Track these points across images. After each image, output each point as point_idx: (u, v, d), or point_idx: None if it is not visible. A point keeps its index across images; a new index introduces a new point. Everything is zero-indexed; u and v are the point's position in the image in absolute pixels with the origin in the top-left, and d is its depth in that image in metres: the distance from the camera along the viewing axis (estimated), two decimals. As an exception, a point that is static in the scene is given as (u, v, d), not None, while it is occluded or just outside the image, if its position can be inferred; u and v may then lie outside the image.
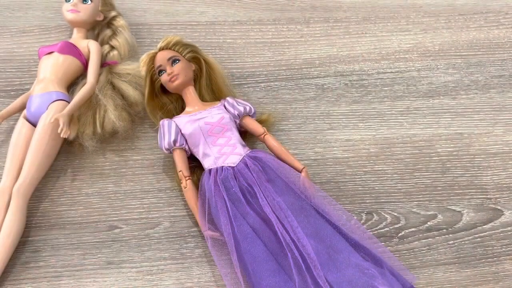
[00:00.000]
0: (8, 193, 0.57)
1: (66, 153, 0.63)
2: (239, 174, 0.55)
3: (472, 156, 0.65)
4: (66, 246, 0.57)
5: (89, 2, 0.67)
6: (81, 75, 0.66)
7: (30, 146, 0.59)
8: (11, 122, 0.64)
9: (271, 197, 0.54)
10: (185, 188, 0.57)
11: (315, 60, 0.73)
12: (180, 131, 0.59)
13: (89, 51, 0.66)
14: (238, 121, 0.61)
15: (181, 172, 0.58)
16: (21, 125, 0.62)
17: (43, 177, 0.60)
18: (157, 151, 0.64)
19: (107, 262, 0.56)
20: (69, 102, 0.61)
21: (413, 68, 0.73)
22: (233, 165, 0.56)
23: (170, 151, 0.59)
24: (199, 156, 0.59)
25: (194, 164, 0.61)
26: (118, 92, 0.64)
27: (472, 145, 0.66)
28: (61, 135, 0.57)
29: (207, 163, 0.58)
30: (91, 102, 0.63)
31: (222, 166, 0.56)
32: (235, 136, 0.59)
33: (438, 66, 0.73)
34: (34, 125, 0.61)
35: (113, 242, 0.58)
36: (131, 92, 0.64)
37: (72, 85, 0.66)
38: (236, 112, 0.60)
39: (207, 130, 0.58)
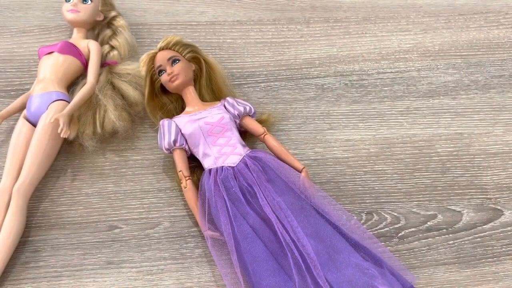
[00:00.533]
0: (8, 193, 0.57)
1: (66, 153, 0.63)
2: (239, 174, 0.55)
3: (472, 156, 0.65)
4: (66, 246, 0.57)
5: (89, 2, 0.67)
6: (81, 75, 0.66)
7: (30, 146, 0.59)
8: (11, 122, 0.64)
9: (271, 197, 0.54)
10: (185, 188, 0.57)
11: (315, 60, 0.73)
12: (180, 131, 0.59)
13: (89, 51, 0.66)
14: (238, 121, 0.61)
15: (181, 172, 0.58)
16: (21, 125, 0.62)
17: (43, 177, 0.60)
18: (157, 151, 0.64)
19: (107, 262, 0.56)
20: (69, 102, 0.61)
21: (413, 68, 0.73)
22: (233, 165, 0.56)
23: (170, 151, 0.59)
24: (199, 156, 0.59)
25: (194, 164, 0.61)
26: (118, 92, 0.64)
27: (472, 145, 0.66)
28: (61, 135, 0.57)
29: (207, 163, 0.58)
30: (91, 102, 0.63)
31: (222, 166, 0.56)
32: (235, 136, 0.59)
33: (438, 66, 0.73)
34: (34, 125, 0.61)
35: (113, 242, 0.58)
36: (131, 92, 0.64)
37: (72, 85, 0.66)
38: (236, 112, 0.60)
39: (207, 130, 0.58)
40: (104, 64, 0.67)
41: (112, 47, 0.69)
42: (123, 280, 0.55)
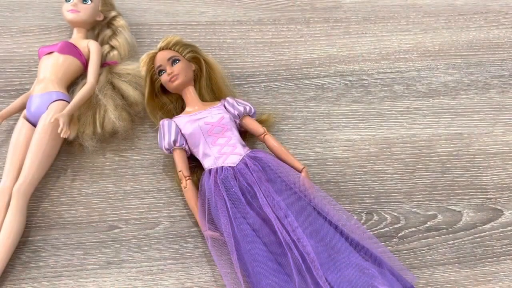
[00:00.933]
0: (8, 193, 0.57)
1: (66, 153, 0.63)
2: (239, 174, 0.55)
3: (472, 156, 0.65)
4: (66, 246, 0.57)
5: (89, 2, 0.67)
6: (81, 75, 0.66)
7: (30, 146, 0.59)
8: (11, 122, 0.64)
9: (271, 197, 0.54)
10: (185, 188, 0.58)
11: (315, 60, 0.73)
12: (180, 131, 0.59)
13: (89, 51, 0.66)
14: (238, 121, 0.61)
15: (181, 172, 0.58)
16: (21, 125, 0.62)
17: (43, 177, 0.60)
18: (157, 151, 0.64)
19: (107, 262, 0.56)
20: (69, 102, 0.61)
21: (413, 68, 0.73)
22: (233, 165, 0.56)
23: (170, 151, 0.59)
24: (199, 156, 0.59)
25: (194, 164, 0.61)
26: (118, 92, 0.64)
27: (472, 145, 0.66)
28: (61, 135, 0.57)
29: (207, 163, 0.58)
30: (91, 102, 0.63)
31: (222, 166, 0.56)
32: (235, 136, 0.59)
33: (438, 66, 0.73)
34: (34, 125, 0.61)
35: (113, 242, 0.58)
36: (131, 92, 0.64)
37: (72, 85, 0.66)
38: (236, 112, 0.60)
39: (207, 130, 0.58)
40: (104, 64, 0.67)
41: (112, 47, 0.69)
42: (123, 280, 0.55)
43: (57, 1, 0.74)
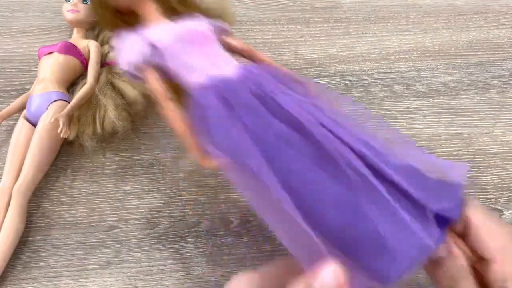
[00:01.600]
0: (8, 193, 0.57)
1: (66, 153, 0.63)
2: (245, 80, 0.41)
3: (472, 156, 0.65)
4: (66, 246, 0.57)
5: (89, 2, 0.67)
6: (81, 75, 0.66)
7: (30, 146, 0.59)
8: (11, 122, 0.64)
9: (296, 99, 0.39)
10: (166, 109, 0.42)
11: (315, 60, 0.73)
12: (152, 43, 0.43)
13: (89, 51, 0.66)
14: (222, 38, 0.47)
15: (160, 93, 0.42)
16: (21, 125, 0.62)
17: (43, 177, 0.60)
18: (157, 151, 0.64)
19: (107, 262, 0.56)
20: (69, 102, 0.61)
21: (413, 68, 0.73)
22: (233, 75, 0.42)
23: (138, 73, 0.43)
24: (180, 71, 0.43)
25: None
26: (118, 92, 0.64)
27: (472, 145, 0.66)
28: (61, 135, 0.57)
29: (195, 77, 0.42)
30: (91, 102, 0.63)
31: (219, 77, 0.42)
32: (224, 49, 0.45)
33: (438, 66, 0.73)
34: (34, 125, 0.61)
35: (113, 242, 0.58)
36: (131, 91, 0.64)
37: (72, 85, 0.66)
38: (223, 26, 0.47)
39: (192, 39, 0.43)
40: (104, 64, 0.67)
41: (112, 47, 0.69)
42: (123, 280, 0.55)
43: (57, 1, 0.74)
